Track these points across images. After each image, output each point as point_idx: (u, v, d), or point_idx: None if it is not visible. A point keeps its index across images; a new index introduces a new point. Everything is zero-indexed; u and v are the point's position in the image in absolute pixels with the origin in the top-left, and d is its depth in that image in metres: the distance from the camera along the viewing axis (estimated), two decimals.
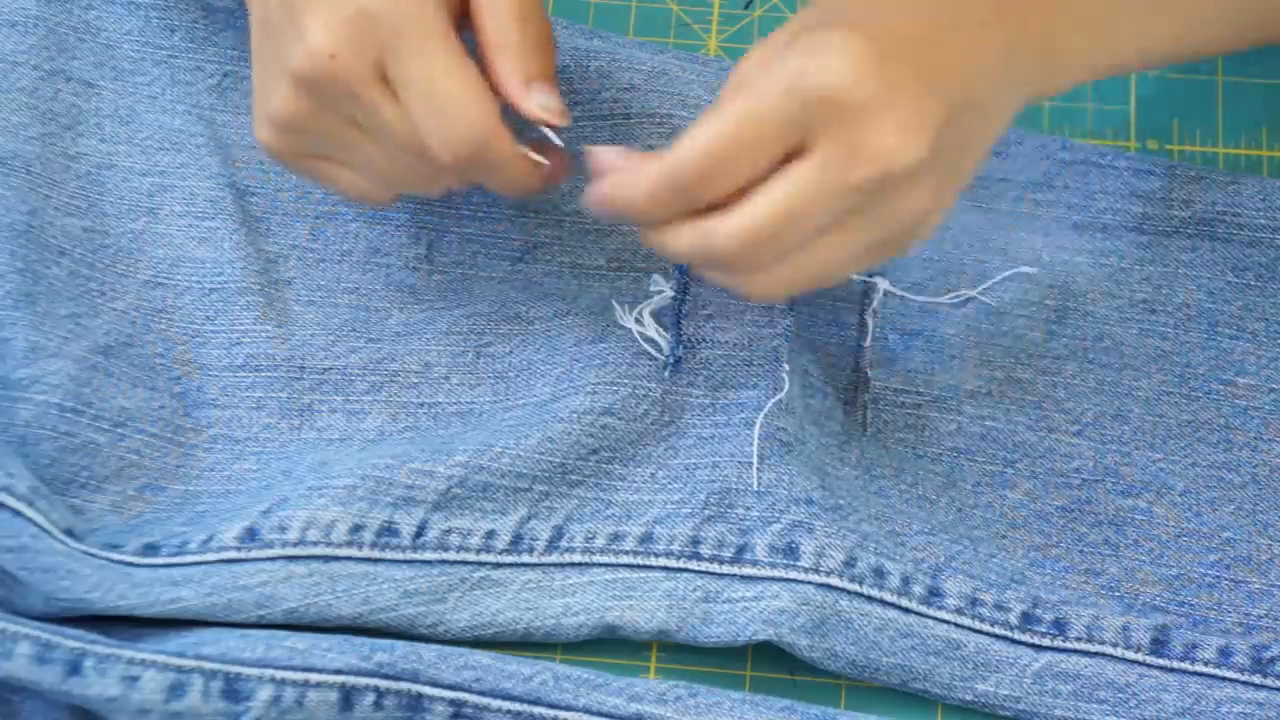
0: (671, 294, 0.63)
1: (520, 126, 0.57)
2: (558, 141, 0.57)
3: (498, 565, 0.61)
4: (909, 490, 0.63)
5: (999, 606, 0.60)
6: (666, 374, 0.63)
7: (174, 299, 0.65)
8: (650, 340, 0.63)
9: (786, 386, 0.61)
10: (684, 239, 0.53)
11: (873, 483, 0.62)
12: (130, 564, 0.59)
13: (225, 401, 0.64)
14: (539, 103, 0.56)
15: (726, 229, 0.51)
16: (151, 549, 0.59)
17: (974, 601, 0.60)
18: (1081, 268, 0.66)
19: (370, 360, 0.65)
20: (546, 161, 0.57)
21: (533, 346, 0.65)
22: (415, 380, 0.64)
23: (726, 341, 0.62)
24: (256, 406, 0.64)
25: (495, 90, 0.56)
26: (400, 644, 0.58)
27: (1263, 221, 0.67)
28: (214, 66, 0.69)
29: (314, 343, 0.65)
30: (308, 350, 0.65)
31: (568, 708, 0.57)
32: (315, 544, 0.59)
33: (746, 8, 0.73)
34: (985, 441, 0.64)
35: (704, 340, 0.62)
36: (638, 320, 0.63)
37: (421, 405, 0.64)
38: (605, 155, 0.54)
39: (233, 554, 0.59)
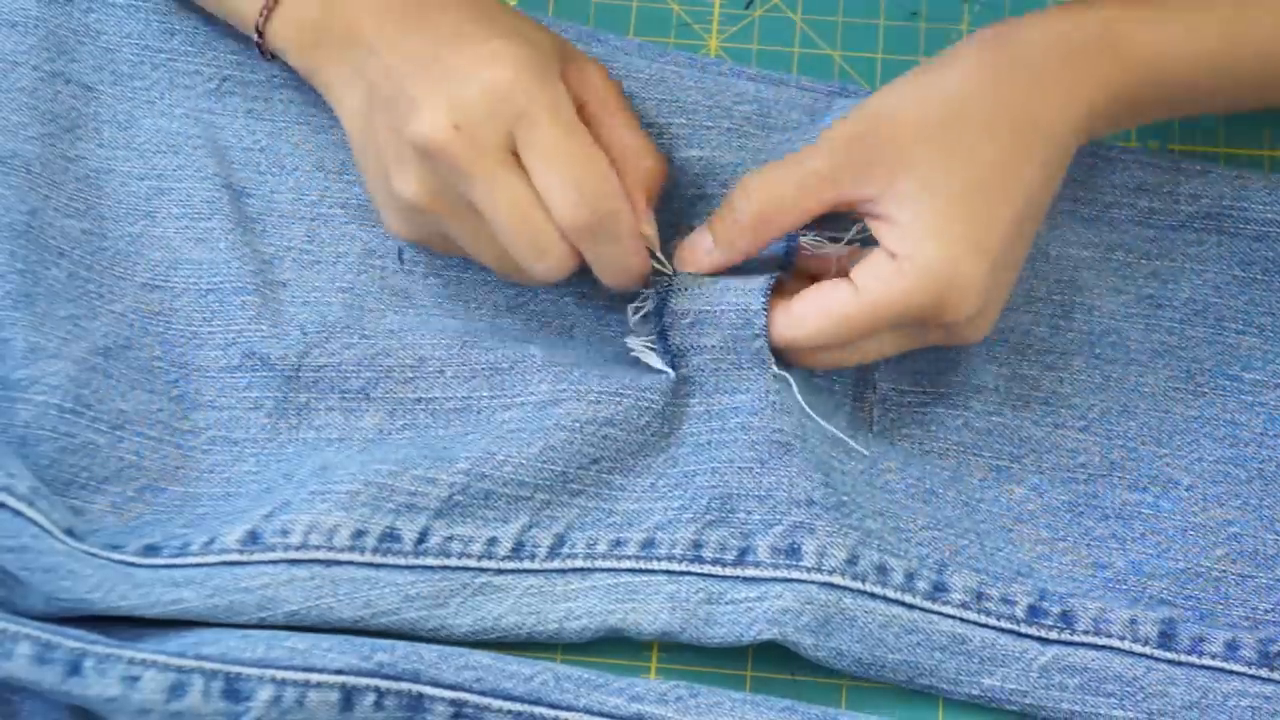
0: (652, 306, 0.62)
1: None
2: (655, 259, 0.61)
3: (500, 571, 0.60)
4: (915, 485, 0.62)
5: (1005, 600, 0.60)
6: (666, 384, 0.62)
7: (171, 301, 0.65)
8: (645, 351, 0.63)
9: (778, 386, 0.61)
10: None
11: (878, 477, 0.62)
12: (131, 564, 0.59)
13: (222, 402, 0.64)
14: (652, 229, 0.61)
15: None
16: (152, 550, 0.59)
17: (980, 595, 0.60)
18: (1087, 262, 0.66)
19: (364, 355, 0.64)
20: (657, 250, 0.61)
21: (529, 343, 0.64)
22: (410, 375, 0.64)
23: (711, 346, 0.61)
24: (254, 407, 0.64)
25: None
26: (401, 644, 0.58)
27: (1269, 216, 0.66)
28: (212, 70, 0.69)
29: (308, 341, 0.65)
30: (303, 349, 0.65)
31: (568, 708, 0.57)
32: (317, 548, 0.59)
33: (747, 8, 0.72)
34: (991, 437, 0.64)
35: (690, 347, 0.62)
36: (633, 331, 0.63)
37: (418, 401, 0.64)
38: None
39: (234, 556, 0.59)
